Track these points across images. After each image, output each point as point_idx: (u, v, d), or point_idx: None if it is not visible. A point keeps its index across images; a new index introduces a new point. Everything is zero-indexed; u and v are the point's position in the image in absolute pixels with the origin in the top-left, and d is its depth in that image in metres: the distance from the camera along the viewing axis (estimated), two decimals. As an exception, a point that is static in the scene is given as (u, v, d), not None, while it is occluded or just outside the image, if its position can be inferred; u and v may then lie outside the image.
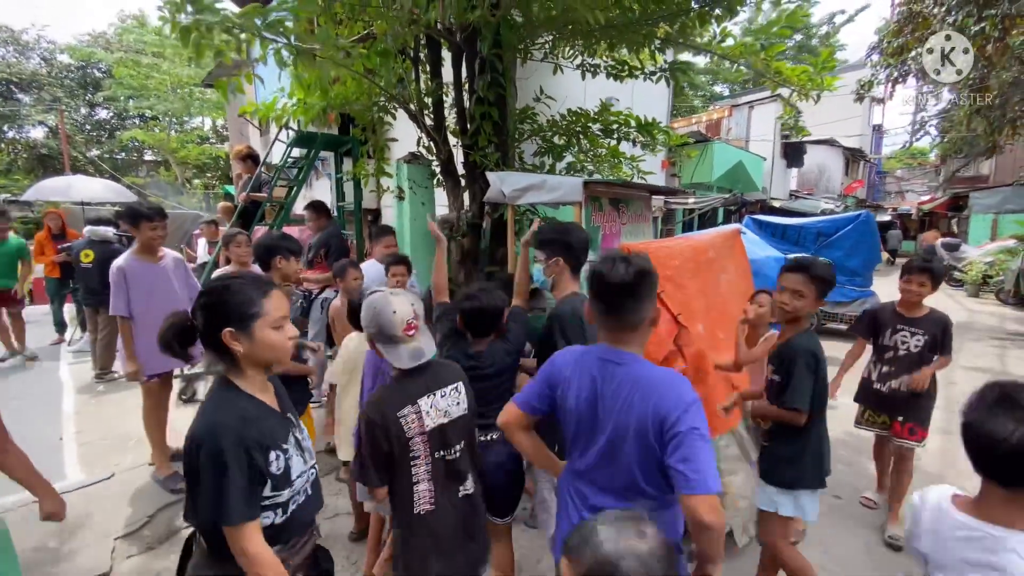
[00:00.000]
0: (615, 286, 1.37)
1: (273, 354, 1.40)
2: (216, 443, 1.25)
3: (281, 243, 3.05)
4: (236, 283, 1.39)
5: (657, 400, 1.31)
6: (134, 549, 2.93)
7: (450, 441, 1.74)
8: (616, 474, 1.39)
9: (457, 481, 1.77)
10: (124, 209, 3.30)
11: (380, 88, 4.40)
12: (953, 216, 21.23)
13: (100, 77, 23.45)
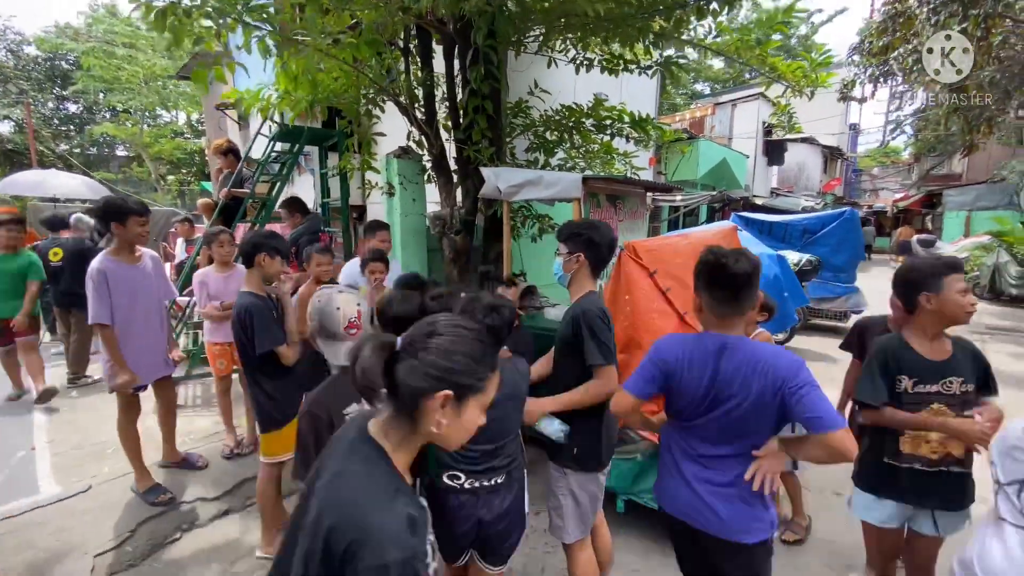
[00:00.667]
0: (739, 277, 1.58)
1: (459, 440, 1.06)
2: (382, 558, 0.86)
3: (266, 240, 2.87)
4: (477, 337, 1.05)
5: (774, 370, 1.53)
6: (115, 566, 2.75)
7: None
8: (728, 432, 1.62)
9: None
10: (106, 203, 3.03)
11: (369, 79, 4.25)
12: (927, 213, 21.80)
13: (69, 69, 22.58)
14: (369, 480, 0.96)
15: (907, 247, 19.03)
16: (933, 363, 1.91)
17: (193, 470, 3.63)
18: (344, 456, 1.02)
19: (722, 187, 13.73)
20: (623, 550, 2.88)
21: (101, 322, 2.93)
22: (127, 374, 3.03)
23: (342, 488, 0.96)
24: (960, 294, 1.86)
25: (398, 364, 0.97)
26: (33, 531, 2.98)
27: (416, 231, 4.89)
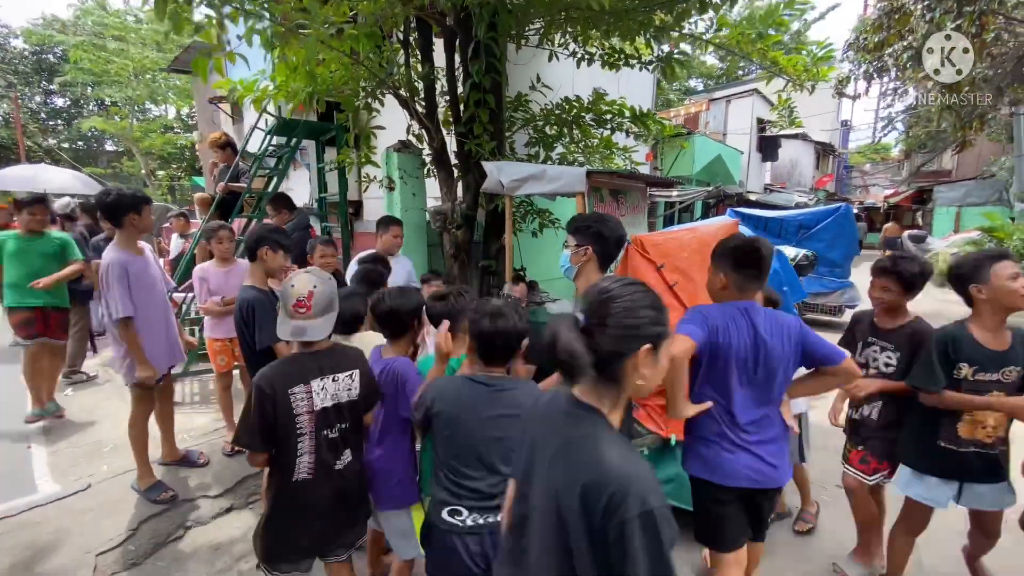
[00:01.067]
0: (765, 259, 1.86)
1: (657, 382, 1.11)
2: (646, 504, 0.92)
3: (270, 235, 2.85)
4: (645, 288, 1.11)
5: (788, 322, 1.86)
6: (117, 565, 2.72)
7: (334, 421, 1.86)
8: (765, 390, 1.86)
9: (335, 455, 1.88)
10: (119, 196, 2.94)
11: (370, 72, 4.20)
12: (918, 209, 22.04)
13: (56, 63, 22.18)
14: (607, 439, 1.02)
15: (893, 243, 19.29)
16: (994, 353, 2.00)
17: (194, 467, 3.59)
18: (565, 426, 1.09)
19: (717, 183, 13.77)
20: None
21: (126, 315, 2.88)
22: (149, 368, 3.01)
23: (584, 451, 1.02)
24: (1010, 280, 1.94)
25: (595, 337, 1.03)
26: (33, 530, 2.93)
27: (416, 226, 4.85)
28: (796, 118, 4.55)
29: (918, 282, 2.26)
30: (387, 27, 4.30)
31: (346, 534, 1.98)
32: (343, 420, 1.88)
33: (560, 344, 1.01)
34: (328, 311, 1.85)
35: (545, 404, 1.21)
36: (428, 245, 5.13)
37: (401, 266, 3.87)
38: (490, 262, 4.73)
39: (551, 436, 1.11)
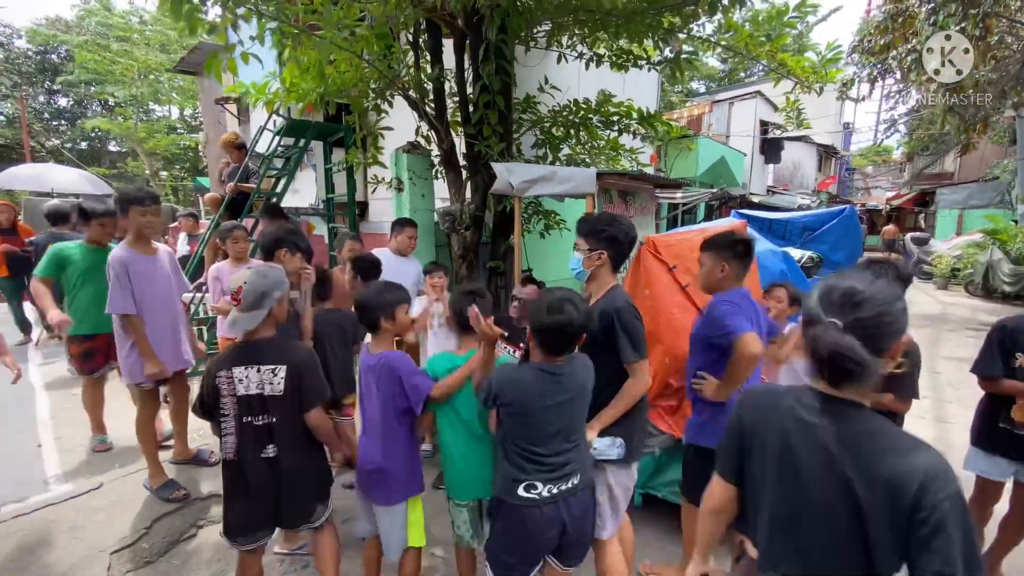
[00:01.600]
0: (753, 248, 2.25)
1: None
2: (953, 485, 0.98)
3: (288, 236, 2.87)
4: (888, 281, 1.21)
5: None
6: (131, 563, 2.73)
7: (258, 411, 1.98)
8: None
9: (260, 444, 1.99)
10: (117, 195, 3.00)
11: (381, 73, 4.21)
12: (920, 211, 22.04)
13: (60, 63, 22.25)
14: (895, 432, 1.08)
15: (892, 244, 19.37)
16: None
17: (204, 466, 3.61)
18: (833, 424, 1.11)
19: (720, 184, 13.78)
20: (641, 543, 2.89)
21: (123, 312, 2.91)
22: (157, 364, 3.01)
23: (876, 445, 1.06)
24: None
25: (867, 337, 1.04)
26: (46, 528, 2.95)
27: (425, 227, 4.86)
28: (804, 120, 4.57)
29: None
30: (397, 29, 4.32)
31: (287, 519, 2.10)
32: (266, 412, 1.98)
33: (844, 350, 1.03)
34: (256, 307, 1.98)
35: (778, 407, 1.21)
36: (436, 246, 5.14)
37: (413, 267, 3.89)
38: (498, 263, 4.75)
39: (810, 435, 1.12)
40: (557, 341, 1.74)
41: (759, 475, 1.23)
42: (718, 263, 2.22)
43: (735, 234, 2.24)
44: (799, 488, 1.13)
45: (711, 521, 1.41)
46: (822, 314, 1.11)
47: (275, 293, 2.04)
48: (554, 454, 1.75)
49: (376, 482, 2.11)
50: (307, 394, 2.02)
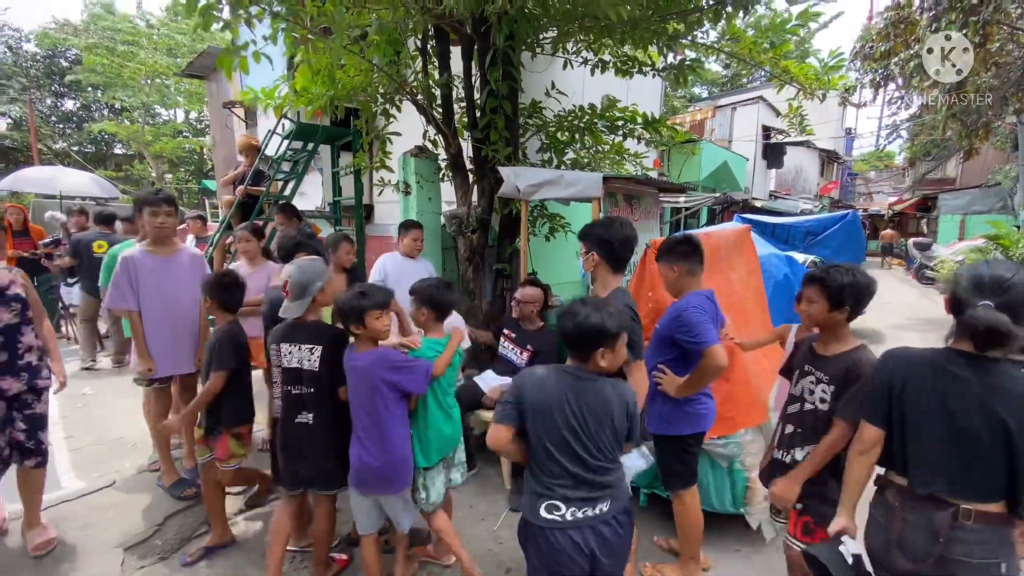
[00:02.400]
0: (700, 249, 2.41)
1: None
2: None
3: (308, 240, 3.01)
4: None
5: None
6: (145, 560, 2.77)
7: (296, 382, 2.29)
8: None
9: (296, 410, 2.30)
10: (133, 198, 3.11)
11: (390, 78, 4.28)
12: (922, 217, 22.06)
13: (68, 66, 22.45)
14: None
15: (891, 248, 19.49)
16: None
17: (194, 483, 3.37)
18: (982, 374, 1.43)
19: (723, 189, 13.84)
20: (646, 542, 2.94)
21: (126, 307, 3.00)
22: (149, 361, 3.05)
23: (1016, 387, 1.40)
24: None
25: (1013, 313, 1.36)
26: (60, 525, 2.98)
27: (432, 230, 4.91)
28: (807, 126, 4.61)
29: (846, 296, 1.84)
30: (406, 35, 4.39)
31: (315, 480, 2.37)
32: (303, 384, 2.28)
33: (1000, 327, 1.35)
34: (301, 297, 2.30)
35: (928, 364, 1.52)
36: (443, 249, 5.19)
37: (423, 268, 3.95)
38: (504, 265, 4.80)
39: (962, 385, 1.45)
40: (575, 341, 1.71)
41: (913, 417, 1.53)
42: (670, 267, 2.40)
43: (677, 237, 2.45)
44: (953, 425, 1.46)
45: (861, 463, 1.64)
46: (973, 297, 1.43)
47: (316, 283, 2.33)
48: (578, 469, 1.64)
49: (381, 477, 2.18)
50: (338, 373, 2.25)
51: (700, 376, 2.24)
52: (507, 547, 2.90)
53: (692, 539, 2.54)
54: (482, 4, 3.69)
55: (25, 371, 2.60)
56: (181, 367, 3.23)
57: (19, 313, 2.57)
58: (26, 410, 2.65)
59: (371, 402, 2.15)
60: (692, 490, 2.50)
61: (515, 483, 3.41)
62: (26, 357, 2.61)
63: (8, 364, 2.54)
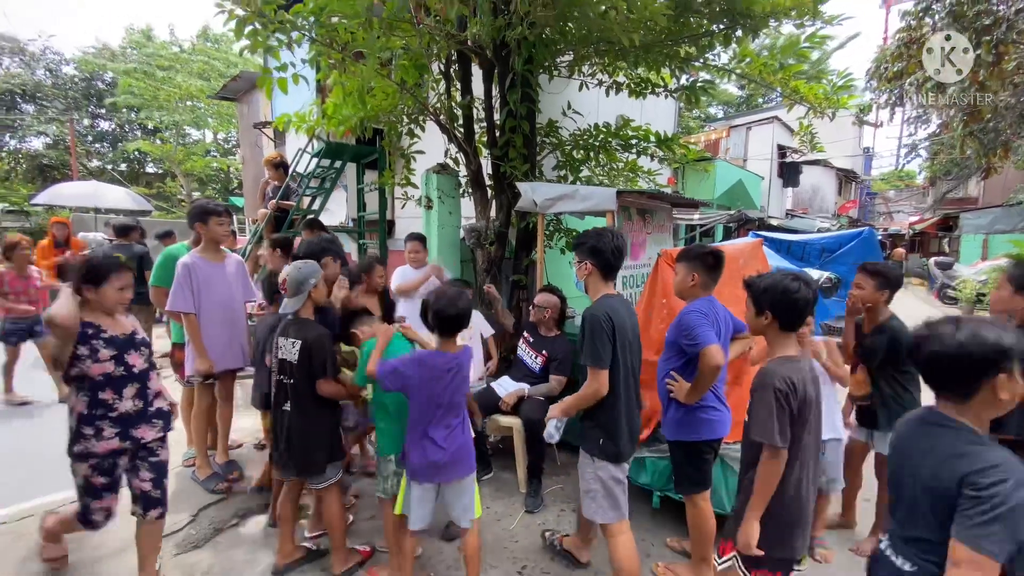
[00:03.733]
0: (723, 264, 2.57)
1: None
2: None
3: (331, 246, 3.21)
4: None
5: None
6: (180, 548, 2.94)
7: (283, 372, 2.51)
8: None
9: (282, 399, 2.52)
10: (192, 207, 3.36)
11: (416, 100, 4.54)
12: (943, 236, 21.75)
13: (105, 89, 23.59)
14: None
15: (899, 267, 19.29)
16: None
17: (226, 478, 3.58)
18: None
19: (738, 207, 13.92)
20: (659, 543, 3.02)
21: (179, 310, 3.22)
22: (206, 361, 3.27)
23: None
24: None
25: None
26: (104, 513, 3.16)
27: (451, 243, 5.12)
28: (817, 143, 4.73)
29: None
30: (431, 59, 4.66)
31: (298, 467, 2.55)
32: (288, 375, 2.49)
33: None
34: (296, 293, 2.55)
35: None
36: (462, 261, 5.39)
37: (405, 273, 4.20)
38: (520, 277, 4.97)
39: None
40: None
41: None
42: (689, 273, 2.52)
43: (708, 247, 2.58)
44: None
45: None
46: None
47: (310, 281, 2.57)
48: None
49: (455, 461, 2.32)
50: (315, 367, 2.48)
51: (701, 378, 2.34)
52: (521, 545, 3.01)
53: (704, 541, 2.60)
54: (502, 31, 3.95)
55: (157, 418, 2.44)
56: (236, 363, 3.54)
57: (148, 358, 2.43)
58: (152, 457, 2.45)
59: (455, 397, 2.31)
60: (705, 494, 2.57)
61: (530, 486, 3.52)
62: (155, 403, 2.44)
63: (142, 412, 2.36)
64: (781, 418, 1.68)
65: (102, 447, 2.23)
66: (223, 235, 3.33)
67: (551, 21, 3.83)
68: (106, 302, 2.25)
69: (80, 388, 2.23)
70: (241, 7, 3.10)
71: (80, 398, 2.22)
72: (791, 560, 1.82)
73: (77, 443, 2.23)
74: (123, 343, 2.29)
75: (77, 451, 2.23)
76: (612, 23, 3.53)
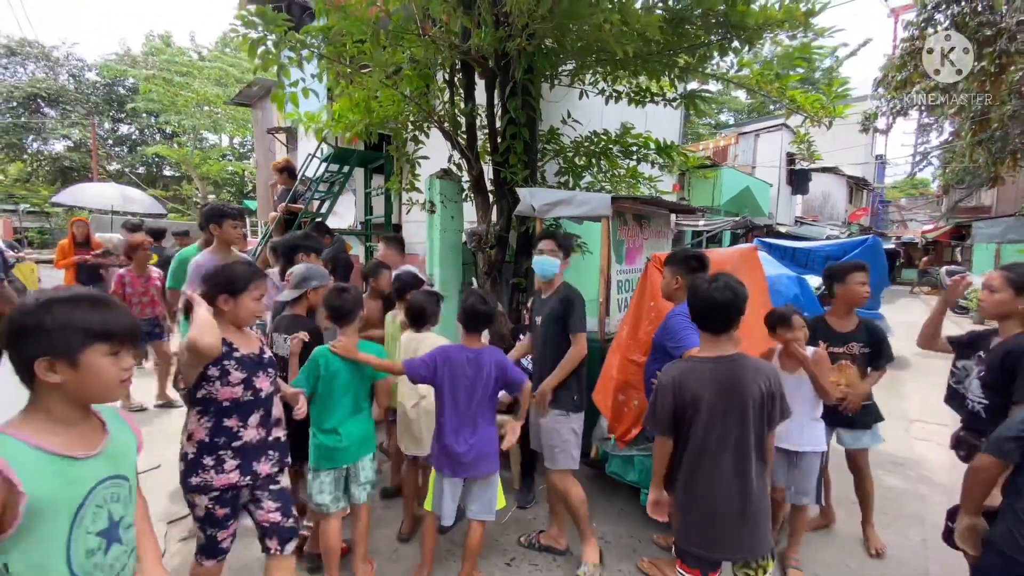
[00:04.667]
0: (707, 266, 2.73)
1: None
2: None
3: (304, 241, 3.49)
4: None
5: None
6: (186, 532, 3.10)
7: (281, 368, 2.58)
8: None
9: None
10: (207, 208, 3.49)
11: (420, 108, 4.70)
12: (956, 245, 21.51)
13: (126, 94, 24.22)
14: None
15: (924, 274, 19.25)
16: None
17: None
18: None
19: (745, 214, 13.94)
20: (645, 539, 3.12)
21: None
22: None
23: None
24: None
25: None
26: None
27: (453, 246, 5.26)
28: (815, 152, 4.81)
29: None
30: (435, 69, 4.82)
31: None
32: (279, 370, 2.37)
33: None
34: (294, 287, 2.81)
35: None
36: (463, 263, 5.52)
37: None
38: (520, 280, 5.09)
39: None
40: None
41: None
42: (674, 276, 2.72)
43: (694, 251, 2.80)
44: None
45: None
46: None
47: (312, 282, 2.80)
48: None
49: (480, 457, 2.47)
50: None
51: None
52: (511, 539, 3.13)
53: None
54: (504, 42, 4.09)
55: (274, 449, 2.17)
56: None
57: (274, 380, 2.19)
58: (272, 485, 2.14)
59: (477, 392, 2.46)
60: None
61: (523, 483, 3.63)
62: (274, 432, 2.20)
63: (263, 442, 2.10)
64: (656, 407, 1.96)
65: (220, 481, 1.97)
66: (236, 237, 3.41)
67: (549, 33, 3.96)
68: (242, 314, 2.04)
69: (204, 412, 1.98)
70: (253, 30, 3.28)
71: (203, 424, 1.98)
72: (708, 560, 1.90)
73: (195, 474, 1.97)
74: (253, 364, 2.04)
75: (195, 484, 1.97)
76: (607, 35, 3.65)
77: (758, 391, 1.83)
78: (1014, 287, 2.18)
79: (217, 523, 2.03)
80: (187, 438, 2.01)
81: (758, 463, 1.87)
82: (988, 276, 2.30)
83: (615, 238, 4.12)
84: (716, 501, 1.86)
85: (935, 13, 7.63)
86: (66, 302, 1.13)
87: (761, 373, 1.88)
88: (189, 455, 1.99)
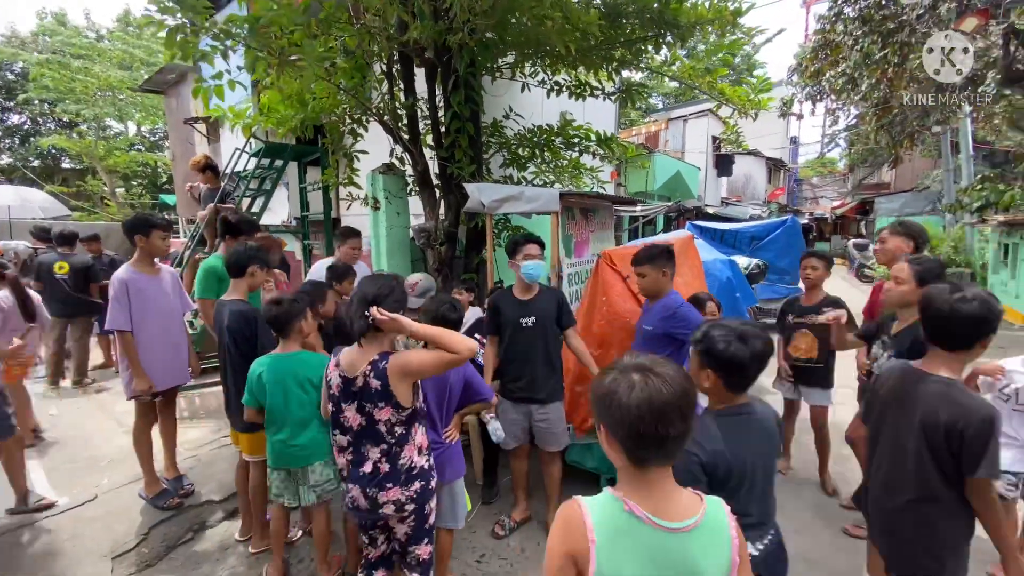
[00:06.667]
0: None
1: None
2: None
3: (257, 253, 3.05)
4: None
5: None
6: (133, 567, 2.90)
7: None
8: None
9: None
10: (135, 218, 3.21)
11: (358, 101, 4.52)
12: (862, 219, 23.54)
13: (14, 80, 21.53)
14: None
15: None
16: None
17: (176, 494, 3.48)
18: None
19: (677, 198, 14.55)
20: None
21: (118, 328, 3.08)
22: (145, 381, 3.16)
23: None
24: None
25: None
26: (48, 537, 3.09)
27: (401, 243, 5.15)
28: (743, 142, 5.10)
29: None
30: (371, 60, 4.65)
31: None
32: None
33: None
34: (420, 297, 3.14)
35: None
36: (412, 260, 5.43)
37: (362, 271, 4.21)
38: (471, 276, 5.07)
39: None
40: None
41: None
42: (660, 270, 2.83)
43: (661, 245, 2.90)
44: None
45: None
46: None
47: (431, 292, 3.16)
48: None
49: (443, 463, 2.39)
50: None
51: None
52: (479, 535, 3.17)
53: None
54: (444, 34, 4.01)
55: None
56: (179, 379, 3.46)
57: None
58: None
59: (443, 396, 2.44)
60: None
61: (487, 478, 3.68)
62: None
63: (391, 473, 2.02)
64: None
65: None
66: (164, 250, 3.22)
67: (490, 27, 3.93)
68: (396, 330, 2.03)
69: (421, 422, 2.09)
70: (170, 15, 3.02)
71: (422, 433, 2.10)
72: None
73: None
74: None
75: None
76: (549, 31, 3.68)
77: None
78: (918, 280, 2.39)
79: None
80: (418, 452, 2.04)
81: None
82: (896, 267, 2.47)
83: (564, 233, 4.19)
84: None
85: (844, 7, 8.20)
86: None
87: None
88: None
